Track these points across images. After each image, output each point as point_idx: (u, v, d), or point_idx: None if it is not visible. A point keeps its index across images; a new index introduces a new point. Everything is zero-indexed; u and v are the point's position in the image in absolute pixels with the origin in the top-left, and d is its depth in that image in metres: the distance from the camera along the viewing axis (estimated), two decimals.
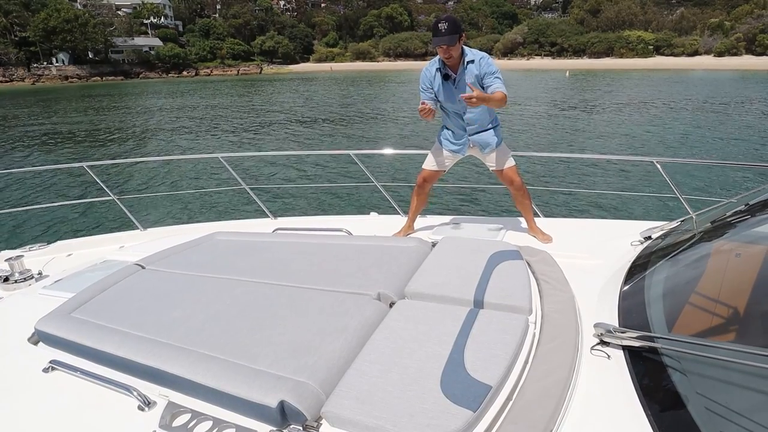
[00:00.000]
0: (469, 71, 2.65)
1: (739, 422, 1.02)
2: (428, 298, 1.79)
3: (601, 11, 74.69)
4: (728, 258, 1.69)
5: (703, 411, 1.09)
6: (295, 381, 1.31)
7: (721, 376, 1.16)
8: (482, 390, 1.23)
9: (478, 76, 2.65)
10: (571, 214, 7.93)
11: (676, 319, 1.47)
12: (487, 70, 2.63)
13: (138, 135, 18.92)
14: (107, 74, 62.70)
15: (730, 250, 1.73)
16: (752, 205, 1.88)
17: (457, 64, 2.66)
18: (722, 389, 1.15)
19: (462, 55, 2.64)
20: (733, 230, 1.90)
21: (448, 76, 2.71)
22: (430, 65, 2.77)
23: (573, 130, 16.64)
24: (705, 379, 1.19)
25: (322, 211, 8.57)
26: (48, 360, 1.64)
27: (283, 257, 2.29)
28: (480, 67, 2.64)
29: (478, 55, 2.67)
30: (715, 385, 1.17)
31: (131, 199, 8.44)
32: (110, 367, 1.59)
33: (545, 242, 2.77)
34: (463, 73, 2.66)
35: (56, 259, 2.97)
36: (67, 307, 1.90)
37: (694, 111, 20.46)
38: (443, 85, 2.73)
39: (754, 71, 46.54)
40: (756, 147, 13.49)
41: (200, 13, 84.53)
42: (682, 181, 9.20)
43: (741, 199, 2.05)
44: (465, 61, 2.65)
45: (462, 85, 2.68)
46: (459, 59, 2.65)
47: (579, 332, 1.57)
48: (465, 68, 2.65)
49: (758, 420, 1.00)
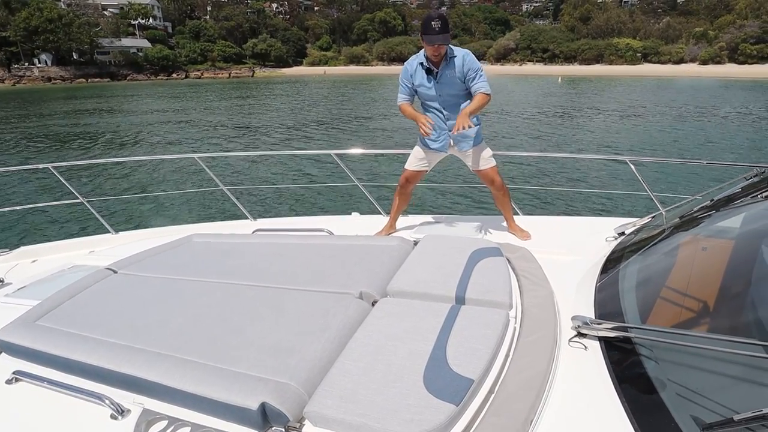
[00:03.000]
0: (452, 66, 2.67)
1: (707, 405, 1.09)
2: (410, 295, 1.79)
3: (591, 19, 75.79)
4: (696, 251, 1.76)
5: (674, 396, 1.14)
6: (276, 382, 1.29)
7: (690, 362, 1.22)
8: (465, 384, 1.25)
9: (461, 71, 2.67)
10: (548, 211, 8.10)
11: (648, 310, 1.53)
12: (470, 67, 2.66)
13: (119, 138, 18.37)
14: (93, 76, 61.42)
15: (698, 244, 1.80)
16: (716, 201, 1.98)
17: (442, 60, 2.67)
18: (692, 375, 1.22)
19: (446, 51, 2.66)
20: (700, 225, 1.95)
21: (431, 71, 2.71)
22: (413, 59, 2.77)
23: (566, 134, 16.70)
24: (676, 365, 1.26)
25: (303, 211, 8.39)
26: (12, 371, 1.57)
27: (264, 258, 2.25)
28: (464, 63, 2.66)
29: (461, 51, 2.69)
30: (685, 371, 1.23)
31: (102, 202, 8.07)
32: (80, 376, 1.52)
33: (524, 239, 2.81)
34: (446, 68, 2.68)
35: (20, 266, 2.79)
36: (31, 314, 1.80)
37: (677, 117, 20.92)
38: (425, 79, 2.74)
39: (736, 79, 47.54)
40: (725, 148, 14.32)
41: (190, 14, 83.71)
42: (652, 179, 9.46)
43: (706, 196, 2.13)
44: (447, 56, 2.66)
45: (444, 79, 2.70)
46: (444, 55, 2.67)
47: (557, 325, 1.60)
48: (447, 63, 2.67)
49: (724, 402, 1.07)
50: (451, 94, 2.72)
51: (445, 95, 2.73)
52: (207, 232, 2.78)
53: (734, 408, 1.01)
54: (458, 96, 2.73)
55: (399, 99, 2.84)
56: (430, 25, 2.51)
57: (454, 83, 2.68)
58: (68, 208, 7.98)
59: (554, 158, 11.90)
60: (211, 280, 2.02)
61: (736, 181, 2.07)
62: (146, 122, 22.60)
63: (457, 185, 8.80)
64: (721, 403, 1.08)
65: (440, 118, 2.81)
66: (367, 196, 3.63)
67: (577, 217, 3.32)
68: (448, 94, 2.72)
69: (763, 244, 1.53)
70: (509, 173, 10.57)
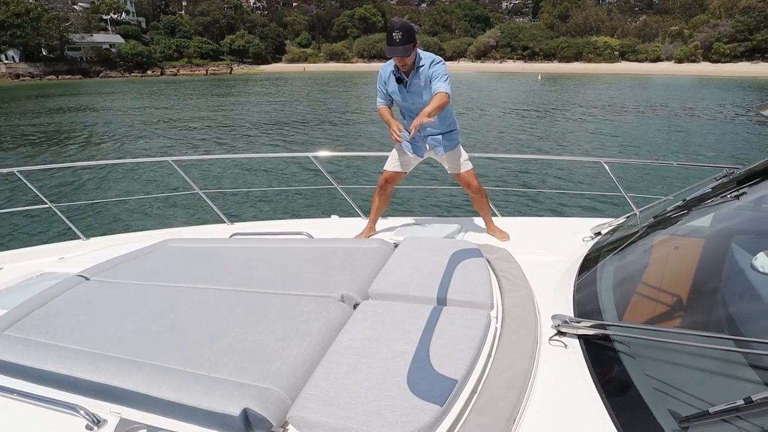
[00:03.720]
0: (419, 75, 2.67)
1: (683, 399, 1.13)
2: (392, 297, 1.78)
3: (570, 17, 76.70)
4: (669, 250, 1.80)
5: (651, 390, 1.17)
6: (258, 387, 1.29)
7: (666, 358, 1.26)
8: (448, 384, 1.26)
9: (428, 78, 2.67)
10: (526, 213, 8.20)
11: (625, 307, 1.57)
12: (436, 73, 2.64)
13: (93, 138, 17.60)
14: (63, 72, 59.27)
15: (671, 243, 1.84)
16: (688, 202, 2.00)
17: (411, 69, 2.67)
18: (668, 370, 1.25)
19: (415, 60, 2.65)
20: (673, 225, 1.98)
21: (401, 80, 2.74)
22: (387, 66, 2.78)
23: (546, 134, 16.70)
24: (652, 361, 1.29)
25: (282, 215, 8.23)
26: None
27: (242, 263, 2.21)
28: (430, 70, 2.65)
29: (429, 59, 2.68)
30: (662, 366, 1.27)
31: (72, 207, 7.57)
32: (53, 387, 1.47)
33: (503, 240, 2.86)
34: (414, 77, 2.69)
35: None
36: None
37: (654, 116, 21.21)
38: (397, 87, 2.76)
39: (710, 77, 48.82)
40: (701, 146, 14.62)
41: (165, 9, 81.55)
42: (627, 179, 9.72)
43: (678, 196, 2.14)
44: (416, 65, 2.66)
45: (413, 88, 2.72)
46: (413, 64, 2.66)
47: (538, 324, 1.62)
48: (417, 72, 2.68)
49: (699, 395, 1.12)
50: (422, 101, 2.72)
51: (416, 103, 2.74)
52: (183, 237, 2.74)
53: (709, 401, 1.03)
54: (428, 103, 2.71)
55: (377, 103, 2.90)
56: (391, 36, 2.48)
57: (423, 91, 2.70)
58: (36, 213, 7.50)
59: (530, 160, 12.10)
60: (187, 286, 1.98)
61: (706, 181, 2.09)
62: (120, 122, 21.79)
63: (437, 187, 8.81)
64: (697, 396, 1.11)
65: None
66: (346, 198, 3.61)
67: (555, 218, 3.37)
68: (419, 102, 2.73)
69: (732, 242, 1.57)
70: (487, 175, 10.61)
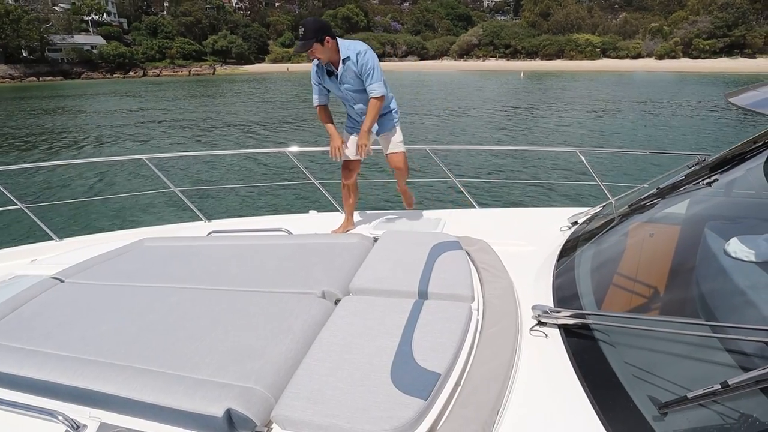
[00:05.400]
0: (348, 68, 2.70)
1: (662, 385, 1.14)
2: (373, 292, 1.78)
3: (551, 15, 77.42)
4: (645, 238, 1.83)
5: (631, 378, 1.19)
6: (241, 387, 1.27)
7: (645, 345, 1.27)
8: (431, 378, 1.26)
9: (357, 73, 2.69)
10: (503, 203, 8.24)
11: (603, 296, 1.58)
12: (363, 64, 2.65)
13: (75, 139, 17.52)
14: (44, 74, 58.56)
15: (646, 230, 1.87)
16: (662, 189, 2.03)
17: (337, 60, 2.69)
18: (646, 357, 1.27)
19: (339, 52, 2.66)
20: (648, 212, 2.01)
21: (331, 73, 2.76)
22: (314, 62, 2.81)
23: (528, 130, 16.97)
24: (631, 348, 1.30)
25: (259, 211, 8.27)
26: None
27: (221, 261, 2.20)
28: (357, 65, 2.66)
29: (354, 50, 2.66)
30: (640, 353, 1.28)
31: (44, 208, 7.59)
32: (30, 393, 1.44)
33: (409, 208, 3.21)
34: (344, 71, 2.72)
35: None
36: None
37: (636, 111, 21.55)
38: (329, 80, 2.80)
39: (690, 73, 49.62)
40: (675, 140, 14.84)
41: (146, 10, 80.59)
42: (602, 169, 9.99)
43: (652, 184, 2.16)
44: (342, 59, 2.68)
45: (345, 79, 2.75)
46: (336, 55, 2.67)
47: (518, 315, 1.62)
48: (344, 64, 2.70)
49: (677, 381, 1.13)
50: (356, 90, 2.78)
51: (351, 93, 2.80)
52: (159, 236, 2.69)
53: (687, 386, 1.04)
54: (364, 90, 2.76)
55: (314, 101, 2.89)
56: (298, 33, 2.60)
57: (355, 80, 2.73)
58: (6, 215, 7.51)
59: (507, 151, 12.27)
60: (165, 285, 1.96)
61: (679, 169, 2.11)
62: (102, 123, 21.70)
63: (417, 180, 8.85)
64: (675, 383, 1.12)
65: (355, 112, 2.92)
66: (324, 193, 3.60)
67: (532, 209, 3.38)
68: (354, 91, 2.79)
69: (706, 228, 1.60)
70: (461, 165, 10.74)
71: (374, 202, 8.40)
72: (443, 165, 3.61)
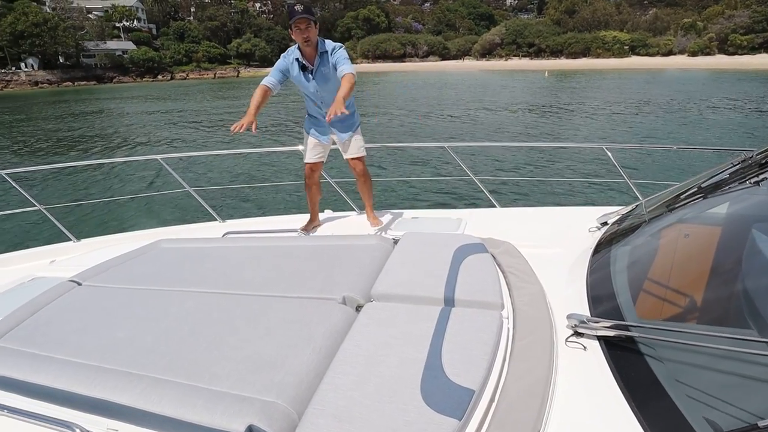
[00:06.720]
0: (326, 61, 2.73)
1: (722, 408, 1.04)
2: (396, 298, 1.69)
3: (577, 12, 75.78)
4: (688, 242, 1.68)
5: (684, 398, 1.09)
6: (262, 401, 1.21)
7: (699, 361, 1.16)
8: (465, 395, 1.18)
9: (333, 65, 2.73)
10: (526, 202, 7.91)
11: (646, 305, 1.46)
12: (339, 58, 2.70)
13: (109, 141, 18.00)
14: (79, 79, 60.84)
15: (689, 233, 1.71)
16: (703, 188, 1.88)
17: (314, 55, 2.72)
18: (702, 375, 1.16)
19: (317, 46, 2.70)
20: (692, 213, 1.87)
21: (305, 67, 2.77)
22: (289, 53, 2.81)
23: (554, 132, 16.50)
24: (684, 365, 1.19)
25: (273, 211, 8.21)
26: None
27: (237, 263, 2.15)
28: (334, 56, 2.71)
29: (331, 45, 2.74)
30: (695, 370, 1.17)
31: (62, 209, 7.74)
32: (46, 401, 1.41)
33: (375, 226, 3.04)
34: (322, 64, 2.74)
35: None
36: None
37: (669, 110, 20.75)
38: (301, 74, 2.79)
39: (726, 70, 47.70)
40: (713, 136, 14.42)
41: (174, 15, 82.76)
42: (629, 166, 9.66)
43: (689, 183, 2.02)
44: (320, 52, 2.71)
45: (319, 75, 2.76)
46: (315, 49, 2.70)
47: (552, 325, 1.51)
48: (321, 59, 2.73)
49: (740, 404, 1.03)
50: (330, 88, 2.76)
51: (323, 91, 2.80)
52: (174, 237, 2.68)
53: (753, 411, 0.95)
54: (337, 89, 2.70)
55: (265, 80, 2.82)
56: (293, 9, 2.57)
57: (330, 77, 2.75)
58: (26, 216, 7.68)
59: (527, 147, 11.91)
60: (182, 290, 1.92)
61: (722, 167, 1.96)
62: (134, 123, 22.38)
63: (435, 179, 8.65)
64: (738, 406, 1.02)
65: (318, 110, 2.93)
66: (339, 192, 3.56)
67: (556, 208, 3.25)
68: (326, 89, 2.79)
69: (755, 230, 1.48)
70: (484, 165, 10.46)
71: (391, 201, 8.27)
72: (462, 163, 3.52)
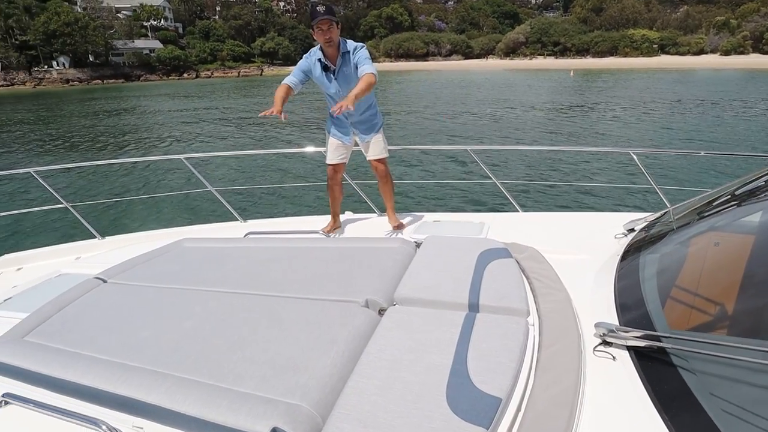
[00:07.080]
0: (347, 61, 2.73)
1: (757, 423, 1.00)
2: (420, 303, 1.67)
3: (605, 9, 74.02)
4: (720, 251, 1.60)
5: (721, 414, 1.05)
6: (286, 404, 1.21)
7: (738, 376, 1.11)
8: (492, 403, 1.16)
9: (354, 65, 2.73)
10: (550, 207, 7.84)
11: (677, 315, 1.41)
12: (361, 58, 2.70)
13: (136, 138, 18.46)
14: (108, 77, 62.58)
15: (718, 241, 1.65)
16: (737, 195, 1.82)
17: (335, 56, 2.72)
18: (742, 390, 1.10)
19: (339, 47, 2.70)
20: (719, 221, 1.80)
21: (327, 68, 2.77)
22: (312, 54, 2.81)
23: (577, 131, 16.19)
24: (719, 379, 1.13)
25: (294, 211, 8.24)
26: (1, 393, 1.47)
27: (259, 264, 2.16)
28: (356, 56, 2.71)
29: (353, 45, 2.74)
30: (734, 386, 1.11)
31: (87, 206, 7.91)
32: (74, 397, 1.42)
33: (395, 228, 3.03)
34: (344, 64, 2.74)
35: (4, 275, 2.73)
36: (19, 329, 1.72)
37: (697, 112, 20.08)
38: (323, 75, 2.79)
39: (762, 70, 45.90)
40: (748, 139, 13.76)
41: (200, 14, 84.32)
42: (656, 171, 9.30)
43: (722, 189, 1.95)
44: (342, 53, 2.71)
45: (341, 76, 2.77)
46: (337, 50, 2.69)
47: (580, 333, 1.48)
48: (343, 60, 2.73)
49: None
50: (348, 87, 2.74)
51: (345, 91, 2.75)
52: (197, 236, 2.71)
53: None
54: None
55: (287, 80, 2.83)
56: (315, 9, 2.56)
57: (351, 78, 2.74)
58: (52, 213, 7.86)
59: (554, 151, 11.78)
60: (204, 289, 1.94)
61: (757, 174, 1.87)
62: (164, 122, 22.86)
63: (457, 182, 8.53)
64: None
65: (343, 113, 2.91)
66: (360, 194, 3.54)
67: (580, 213, 3.22)
68: (348, 90, 2.72)
69: None
70: (507, 168, 10.26)
71: (412, 204, 8.18)
72: (484, 166, 3.45)
